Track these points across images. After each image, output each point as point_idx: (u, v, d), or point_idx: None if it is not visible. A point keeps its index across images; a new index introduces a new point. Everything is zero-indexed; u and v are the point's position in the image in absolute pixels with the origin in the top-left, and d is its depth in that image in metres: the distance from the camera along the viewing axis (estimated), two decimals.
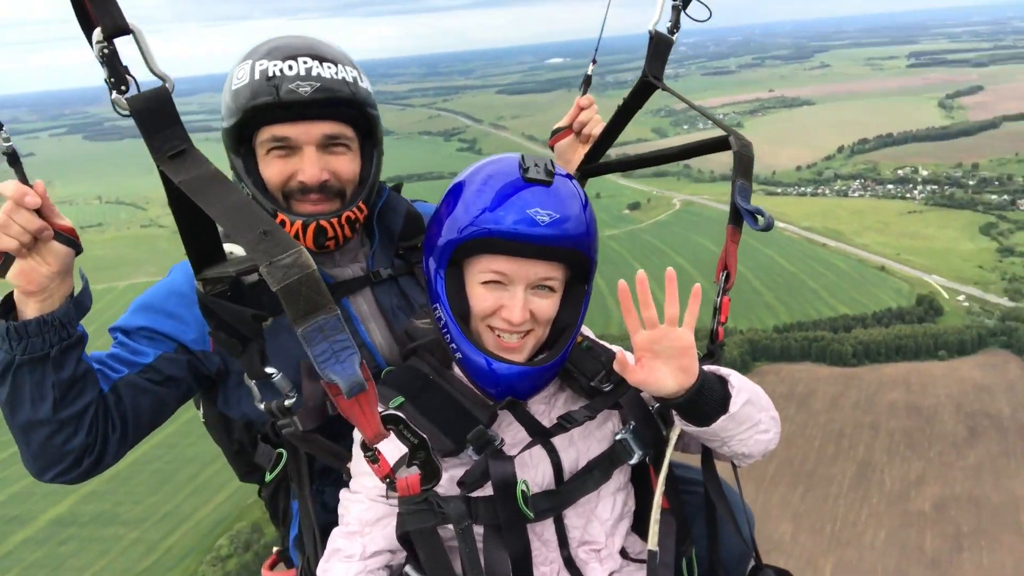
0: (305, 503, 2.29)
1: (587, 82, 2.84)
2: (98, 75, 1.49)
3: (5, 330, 1.88)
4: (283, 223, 2.18)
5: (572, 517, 2.11)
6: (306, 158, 2.18)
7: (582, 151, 2.81)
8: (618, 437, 2.12)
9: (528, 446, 2.03)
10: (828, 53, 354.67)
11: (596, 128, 2.79)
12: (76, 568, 61.89)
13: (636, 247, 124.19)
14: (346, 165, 2.24)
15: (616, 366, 1.94)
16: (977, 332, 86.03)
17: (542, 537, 2.08)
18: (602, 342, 2.25)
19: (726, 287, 2.28)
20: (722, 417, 1.91)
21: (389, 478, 1.75)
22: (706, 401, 1.91)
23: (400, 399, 2.00)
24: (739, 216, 2.21)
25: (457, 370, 2.10)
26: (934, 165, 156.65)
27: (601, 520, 2.13)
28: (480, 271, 1.95)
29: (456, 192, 1.99)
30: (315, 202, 2.22)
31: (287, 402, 2.04)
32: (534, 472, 2.05)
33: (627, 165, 2.79)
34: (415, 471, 1.79)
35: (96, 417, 2.07)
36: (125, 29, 1.44)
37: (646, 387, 1.92)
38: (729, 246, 2.26)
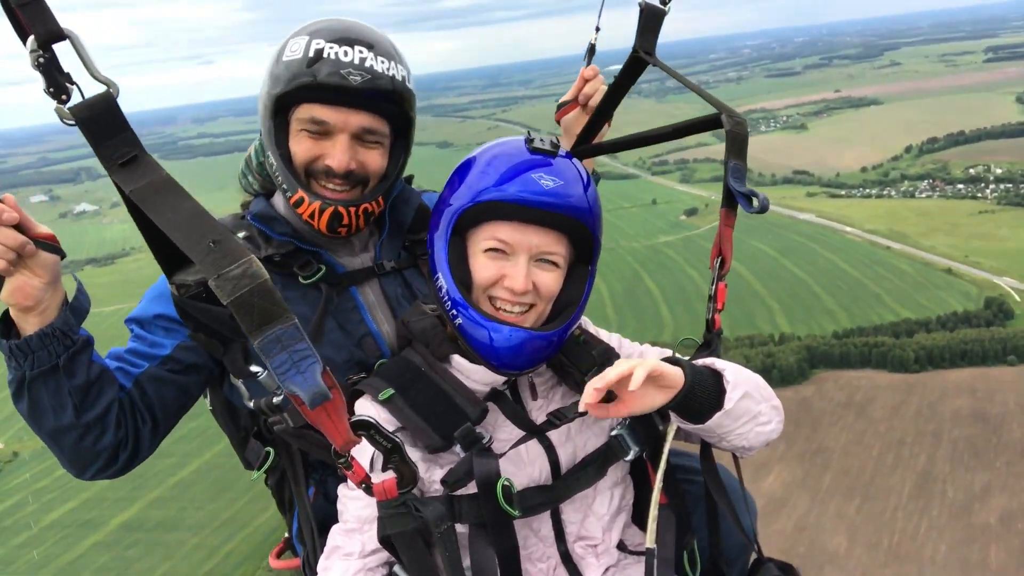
0: (302, 499, 2.32)
1: (591, 52, 2.77)
2: (172, 97, 1.56)
3: (8, 349, 1.90)
4: (301, 200, 2.21)
5: (569, 512, 2.10)
6: (338, 144, 2.19)
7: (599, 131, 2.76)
8: (613, 433, 2.10)
9: (519, 443, 2.02)
10: (900, 51, 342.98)
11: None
12: (141, 572, 64.50)
13: (692, 253, 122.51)
14: (375, 159, 2.26)
15: (593, 415, 1.90)
16: None
17: (539, 533, 2.08)
18: (600, 333, 2.26)
19: (721, 273, 2.22)
20: (717, 414, 1.89)
21: (365, 484, 1.73)
22: (699, 400, 1.88)
23: (390, 391, 2.01)
24: (733, 199, 2.13)
25: (451, 362, 2.08)
26: (1009, 163, 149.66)
27: (598, 515, 2.12)
28: (483, 239, 1.97)
29: (464, 168, 2.03)
30: (336, 187, 2.23)
31: (275, 399, 1.98)
32: (531, 469, 2.03)
33: (619, 146, 2.67)
34: (391, 475, 1.77)
35: (122, 414, 2.11)
36: (60, 35, 1.36)
37: (636, 414, 1.91)
38: (723, 230, 2.19)
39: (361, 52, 2.12)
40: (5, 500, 77.97)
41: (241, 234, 2.32)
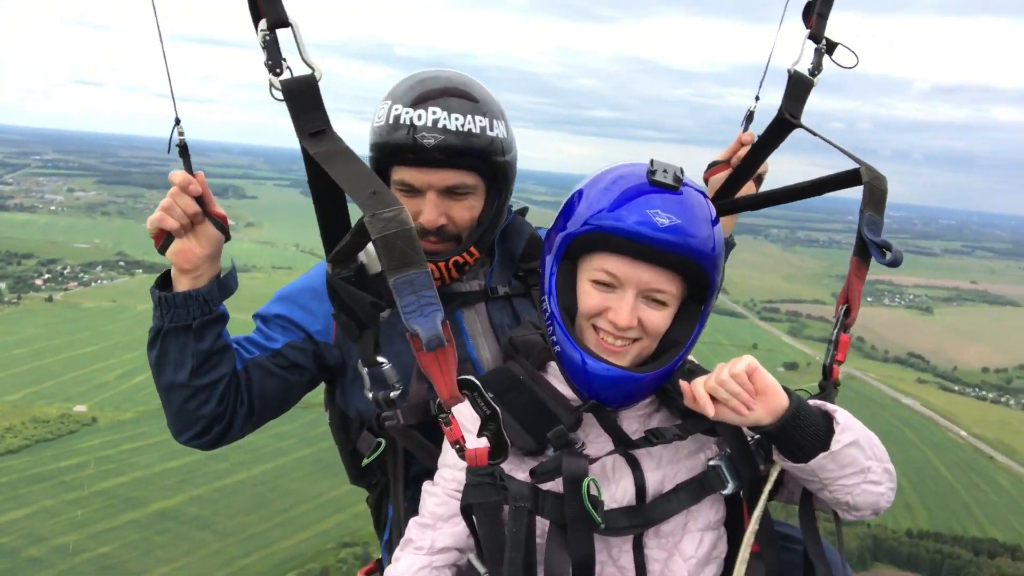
0: (397, 500, 2.42)
1: (749, 118, 2.85)
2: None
3: (159, 299, 2.15)
4: None
5: (654, 549, 2.00)
6: (427, 203, 2.29)
7: (746, 187, 2.78)
8: (712, 463, 2.02)
9: (610, 453, 1.99)
10: None
11: (760, 167, 2.75)
12: (162, 559, 66.53)
13: None
14: (463, 212, 2.34)
15: (687, 401, 1.88)
16: None
17: (618, 563, 2.00)
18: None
19: (846, 323, 2.19)
20: (822, 454, 1.80)
21: (459, 444, 1.77)
22: (802, 434, 1.81)
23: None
24: (865, 249, 2.12)
25: (549, 373, 2.11)
26: None
27: (684, 556, 2.01)
28: (592, 268, 1.94)
29: (581, 191, 2.00)
30: (432, 243, 2.34)
31: (392, 394, 2.16)
32: (614, 487, 1.99)
33: (757, 202, 2.68)
34: (484, 442, 1.78)
35: (228, 390, 2.28)
36: (285, 22, 1.66)
37: (730, 421, 1.86)
38: (852, 280, 2.18)
39: (434, 112, 2.23)
40: (71, 458, 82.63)
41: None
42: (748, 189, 2.79)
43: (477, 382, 1.70)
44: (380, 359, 2.18)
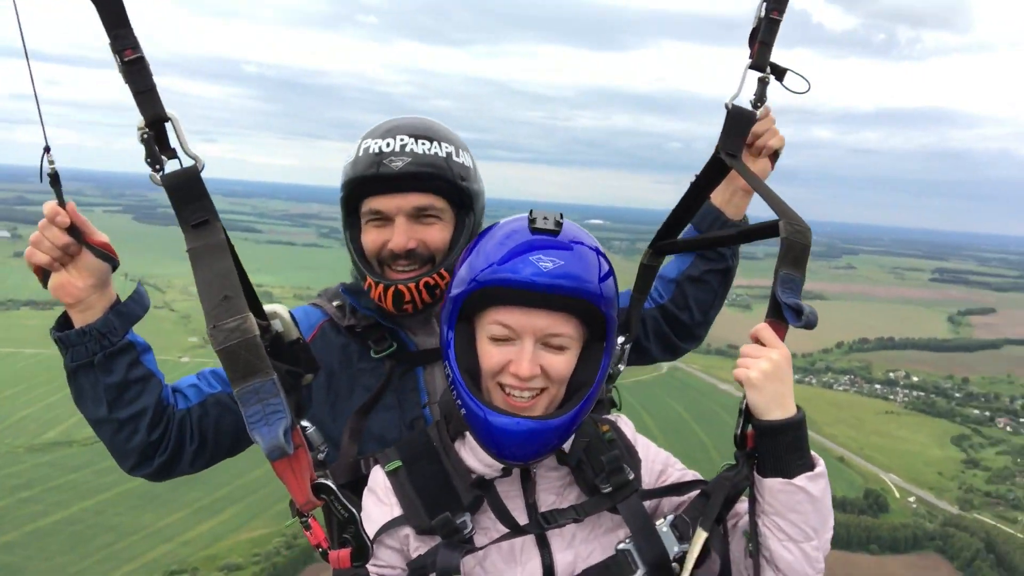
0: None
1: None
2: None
3: (56, 339, 2.09)
4: (370, 286, 2.33)
5: None
6: (396, 227, 2.29)
7: (758, 165, 2.57)
8: (620, 547, 1.90)
9: (502, 539, 1.87)
10: (857, 256, 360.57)
11: (773, 140, 2.55)
12: None
13: None
14: (435, 234, 2.33)
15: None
16: (913, 532, 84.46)
17: None
18: (639, 441, 2.13)
19: None
20: (804, 475, 1.76)
21: (321, 548, 1.75)
22: (793, 452, 1.78)
23: (397, 463, 1.98)
24: (780, 310, 1.99)
25: (460, 444, 2.01)
26: (926, 373, 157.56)
27: None
28: (488, 324, 1.87)
29: (469, 251, 1.94)
30: (404, 268, 2.32)
31: (319, 456, 1.98)
32: (520, 570, 1.90)
33: (694, 245, 2.69)
34: (346, 546, 1.75)
35: (165, 421, 2.23)
36: (164, 118, 1.63)
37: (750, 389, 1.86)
38: None
39: (402, 139, 2.27)
40: None
41: (335, 303, 2.50)
42: (763, 168, 2.60)
43: (332, 486, 1.69)
44: (304, 424, 2.04)
